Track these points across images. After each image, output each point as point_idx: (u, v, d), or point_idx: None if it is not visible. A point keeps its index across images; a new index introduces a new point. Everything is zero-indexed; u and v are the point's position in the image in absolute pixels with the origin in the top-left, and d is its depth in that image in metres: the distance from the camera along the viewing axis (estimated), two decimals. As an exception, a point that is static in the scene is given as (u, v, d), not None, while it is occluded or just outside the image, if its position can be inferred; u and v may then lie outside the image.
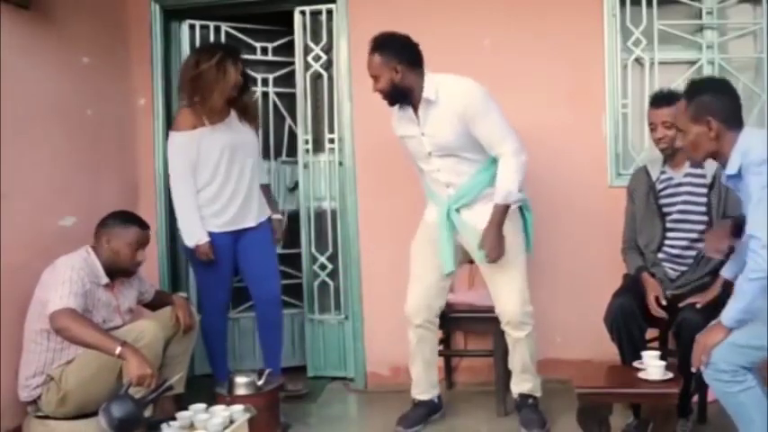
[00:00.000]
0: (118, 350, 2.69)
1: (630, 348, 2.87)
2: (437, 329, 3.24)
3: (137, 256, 3.07)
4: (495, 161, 3.01)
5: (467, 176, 3.05)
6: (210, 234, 3.41)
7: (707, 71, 3.65)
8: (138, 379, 2.67)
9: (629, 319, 2.90)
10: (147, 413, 2.77)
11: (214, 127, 3.40)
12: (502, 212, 2.96)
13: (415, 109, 3.03)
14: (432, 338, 3.20)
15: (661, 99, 3.07)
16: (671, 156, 3.11)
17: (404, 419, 3.19)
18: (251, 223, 3.53)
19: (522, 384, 3.14)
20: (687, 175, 3.09)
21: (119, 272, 3.07)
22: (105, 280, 3.02)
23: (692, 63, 3.69)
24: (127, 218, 3.12)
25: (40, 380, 2.90)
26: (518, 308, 3.03)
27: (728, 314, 2.33)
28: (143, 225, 3.13)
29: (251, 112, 3.56)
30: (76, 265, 2.92)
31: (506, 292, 3.05)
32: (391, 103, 3.08)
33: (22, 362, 2.94)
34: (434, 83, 2.98)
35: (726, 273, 2.76)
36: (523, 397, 3.15)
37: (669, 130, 3.03)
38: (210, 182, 3.42)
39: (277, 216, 3.68)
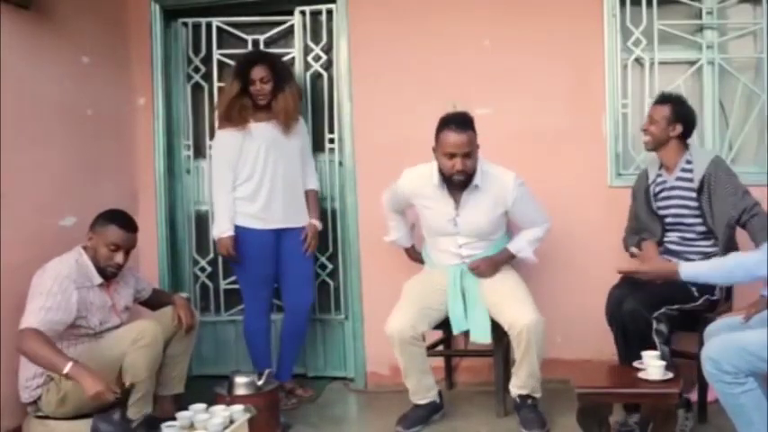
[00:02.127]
0: (66, 369, 2.61)
1: (636, 340, 2.87)
2: (424, 342, 3.18)
3: (114, 257, 2.97)
4: (507, 235, 3.31)
5: (482, 249, 3.23)
6: (252, 231, 3.46)
7: (707, 71, 3.65)
8: (95, 397, 2.62)
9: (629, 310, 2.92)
10: (133, 416, 2.79)
11: (257, 125, 3.48)
12: (509, 256, 3.24)
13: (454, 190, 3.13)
14: (421, 352, 3.15)
15: (657, 98, 3.23)
16: (659, 155, 3.19)
17: (404, 420, 3.19)
18: (293, 224, 3.56)
19: (524, 388, 3.13)
20: (678, 179, 3.15)
21: (100, 272, 2.99)
22: (99, 280, 2.99)
23: (692, 63, 3.68)
24: (110, 217, 3.02)
25: (40, 381, 2.90)
26: (534, 311, 3.05)
27: None
28: (126, 226, 3.01)
29: (278, 118, 3.52)
30: (63, 272, 2.87)
31: (518, 302, 3.09)
32: (464, 186, 3.09)
33: (22, 363, 2.94)
34: (479, 169, 3.10)
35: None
36: (523, 398, 3.14)
37: (652, 125, 3.15)
38: (250, 177, 3.48)
39: (314, 221, 3.68)
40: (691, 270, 2.60)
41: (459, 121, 3.03)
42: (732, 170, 3.12)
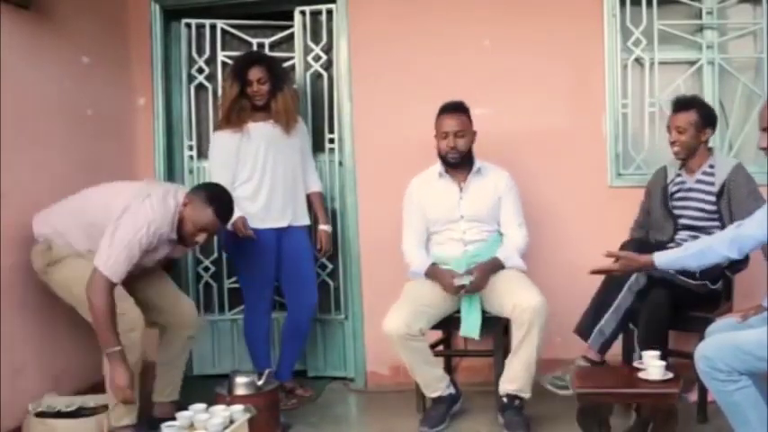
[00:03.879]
0: (111, 350, 2.70)
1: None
2: (424, 337, 3.15)
3: (197, 237, 2.91)
4: (499, 233, 3.35)
5: (485, 238, 3.29)
6: (253, 231, 3.46)
7: (707, 71, 3.65)
8: (118, 389, 2.72)
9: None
10: (114, 422, 2.87)
11: (256, 125, 3.50)
12: (498, 265, 3.22)
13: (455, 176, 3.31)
14: (422, 346, 3.13)
15: (677, 104, 3.15)
16: (685, 160, 3.16)
17: (427, 419, 3.18)
18: (293, 223, 3.58)
19: (514, 382, 3.11)
20: (698, 181, 3.13)
21: (179, 236, 2.92)
22: (174, 238, 2.93)
23: (692, 63, 3.69)
24: (212, 197, 2.89)
25: (43, 240, 2.93)
26: (540, 294, 3.05)
27: None
28: (223, 216, 2.93)
29: (278, 119, 3.53)
30: (155, 221, 2.77)
31: (523, 288, 3.10)
32: (456, 166, 3.27)
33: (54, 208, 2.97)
34: (478, 161, 3.32)
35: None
36: (511, 398, 3.13)
37: (682, 135, 3.10)
38: (250, 178, 3.50)
39: (323, 227, 3.70)
40: (664, 257, 2.65)
41: (452, 107, 3.28)
42: (752, 177, 3.10)
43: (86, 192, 3.01)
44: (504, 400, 3.14)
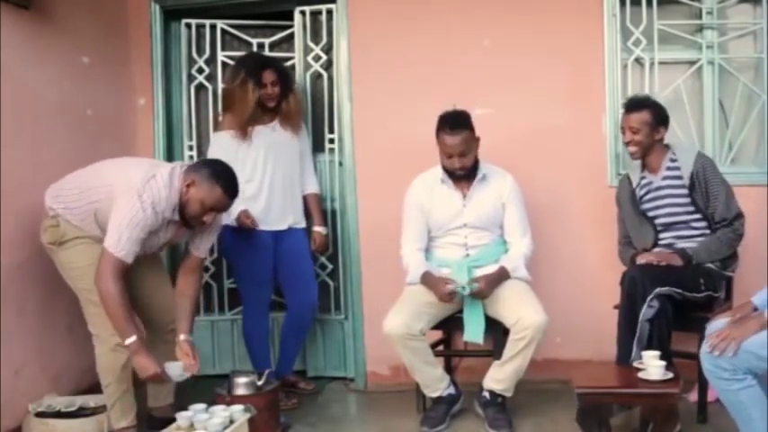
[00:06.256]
0: (128, 341, 2.70)
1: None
2: (423, 337, 3.15)
3: (204, 217, 2.79)
4: (503, 239, 3.31)
5: (487, 243, 3.27)
6: (253, 232, 3.47)
7: (707, 71, 3.65)
8: (149, 379, 2.77)
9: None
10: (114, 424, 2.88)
11: (256, 128, 3.51)
12: (504, 275, 3.17)
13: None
14: (422, 346, 3.12)
15: (629, 104, 3.19)
16: (644, 159, 3.19)
17: (427, 419, 3.17)
18: (291, 226, 3.59)
19: (502, 383, 3.12)
20: (665, 177, 3.15)
21: (182, 217, 2.82)
22: (176, 219, 2.83)
23: (692, 63, 3.69)
24: (218, 174, 2.77)
25: (52, 215, 2.88)
26: (543, 312, 3.02)
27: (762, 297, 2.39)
28: (230, 192, 2.80)
29: (288, 120, 3.56)
30: (159, 203, 2.70)
31: (528, 304, 3.06)
32: (463, 178, 3.22)
33: (65, 183, 2.93)
34: (483, 166, 3.27)
35: (756, 300, 2.57)
36: (494, 395, 3.14)
37: (636, 134, 3.12)
38: (250, 180, 3.48)
39: (318, 229, 3.71)
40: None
41: (453, 123, 3.15)
42: (713, 161, 3.18)
43: (95, 168, 2.95)
44: (487, 395, 3.15)
